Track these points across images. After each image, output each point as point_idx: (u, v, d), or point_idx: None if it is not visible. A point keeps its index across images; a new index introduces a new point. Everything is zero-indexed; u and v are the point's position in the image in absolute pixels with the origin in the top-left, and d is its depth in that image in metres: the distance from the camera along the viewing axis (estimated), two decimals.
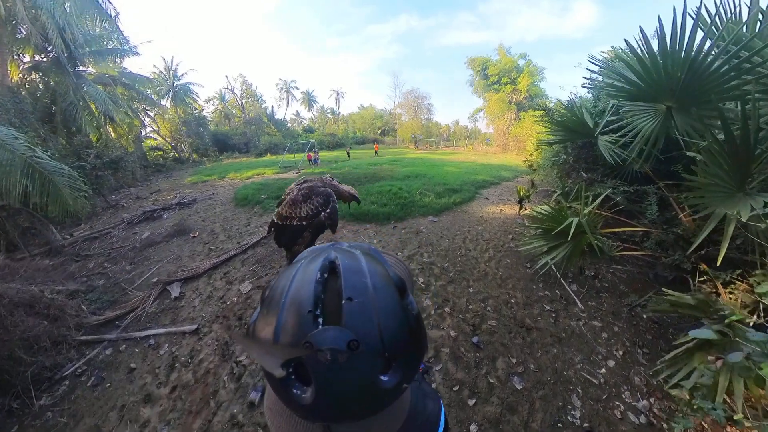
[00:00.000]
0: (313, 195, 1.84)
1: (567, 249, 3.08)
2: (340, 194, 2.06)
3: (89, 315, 3.09)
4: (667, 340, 2.58)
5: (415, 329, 0.39)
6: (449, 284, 3.56)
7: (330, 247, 0.46)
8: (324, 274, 0.39)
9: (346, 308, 0.35)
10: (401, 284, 0.41)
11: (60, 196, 4.83)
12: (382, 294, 0.38)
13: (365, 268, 0.40)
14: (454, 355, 2.52)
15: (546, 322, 2.91)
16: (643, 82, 2.60)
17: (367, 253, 0.46)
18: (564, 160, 5.81)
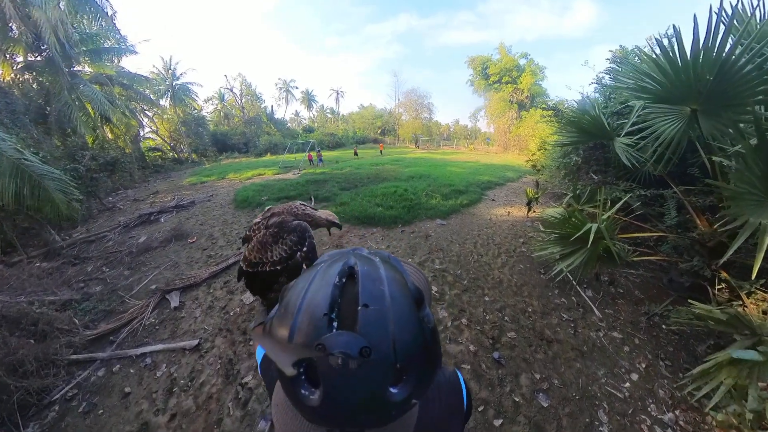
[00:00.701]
0: (284, 233, 1.42)
1: (584, 255, 2.96)
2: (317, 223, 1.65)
3: (81, 329, 2.87)
4: (689, 352, 2.54)
5: (430, 343, 0.38)
6: (464, 293, 3.39)
7: (350, 252, 0.46)
8: (342, 278, 0.39)
9: (362, 315, 0.34)
10: (419, 295, 0.41)
11: (51, 199, 4.64)
12: (399, 304, 0.37)
13: (384, 276, 0.39)
14: (476, 372, 2.39)
15: (566, 333, 2.81)
16: (668, 82, 2.47)
17: (386, 261, 0.45)
18: (574, 162, 5.63)
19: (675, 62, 2.31)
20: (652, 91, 2.71)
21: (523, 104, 28.12)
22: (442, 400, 0.57)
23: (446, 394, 0.59)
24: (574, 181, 5.33)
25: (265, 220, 1.40)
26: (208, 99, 37.75)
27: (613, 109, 4.84)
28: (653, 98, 2.78)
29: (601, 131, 3.74)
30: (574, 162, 5.70)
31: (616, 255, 2.75)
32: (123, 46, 12.57)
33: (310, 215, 1.44)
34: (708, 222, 2.91)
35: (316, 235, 4.90)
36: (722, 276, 2.55)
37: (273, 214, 1.40)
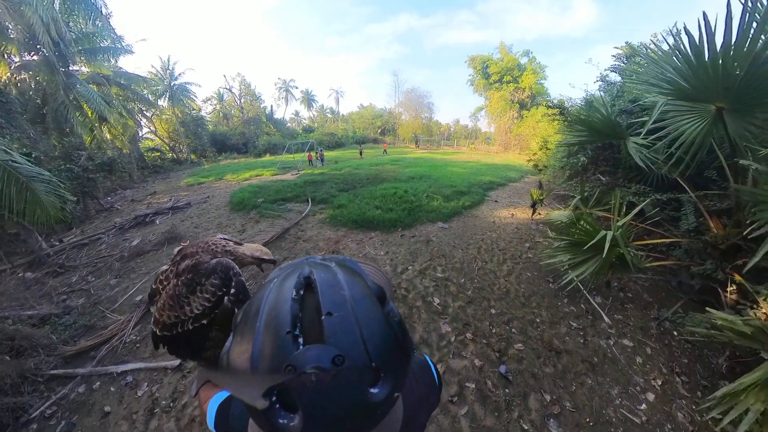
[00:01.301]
0: (201, 278, 0.97)
1: (597, 264, 2.80)
2: (241, 261, 1.08)
3: (60, 345, 2.70)
4: (704, 364, 2.41)
5: (400, 336, 0.38)
6: (469, 305, 3.19)
7: (303, 262, 0.44)
8: (300, 291, 0.37)
9: (327, 324, 0.33)
10: (381, 293, 0.40)
11: (39, 203, 4.46)
12: (363, 305, 0.36)
13: (342, 281, 0.38)
14: (481, 393, 2.21)
15: (575, 342, 2.68)
16: (692, 78, 2.29)
17: (342, 264, 0.44)
18: (581, 162, 5.44)
19: (701, 56, 2.13)
20: (674, 88, 2.55)
21: (524, 103, 27.85)
22: (419, 382, 0.61)
23: (421, 377, 0.63)
24: (581, 183, 5.14)
25: (174, 266, 1.02)
26: (207, 99, 37.60)
27: (622, 107, 4.67)
28: (675, 95, 2.62)
29: (613, 130, 3.60)
30: (581, 162, 5.51)
31: (631, 263, 2.62)
32: (119, 46, 12.40)
33: (231, 252, 1.01)
34: (722, 225, 2.82)
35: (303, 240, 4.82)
36: (736, 279, 2.43)
37: (184, 256, 1.00)
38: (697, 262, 2.86)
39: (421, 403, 0.60)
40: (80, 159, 8.47)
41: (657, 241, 3.16)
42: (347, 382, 0.32)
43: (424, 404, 0.61)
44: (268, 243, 4.61)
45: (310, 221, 5.70)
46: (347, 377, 0.32)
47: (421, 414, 0.61)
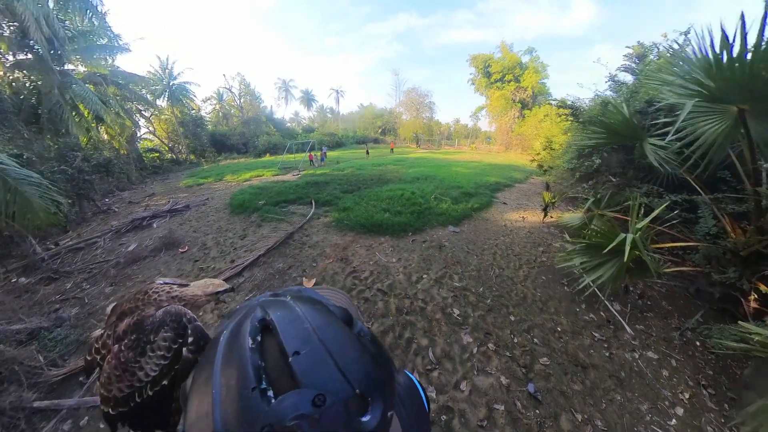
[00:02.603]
0: (149, 334, 0.74)
1: (614, 268, 2.73)
2: (194, 304, 0.88)
3: (47, 368, 2.46)
4: (729, 376, 2.38)
5: (377, 354, 0.36)
6: (488, 314, 3.02)
7: (254, 304, 0.40)
8: (257, 337, 0.33)
9: (296, 365, 0.30)
10: (346, 315, 0.38)
11: (30, 207, 4.24)
12: (330, 333, 0.34)
13: (302, 313, 0.36)
14: (511, 415, 2.07)
15: (600, 356, 2.59)
16: (715, 80, 2.25)
17: (298, 296, 0.41)
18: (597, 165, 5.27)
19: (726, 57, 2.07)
20: (696, 89, 2.47)
21: (526, 103, 27.70)
22: (406, 408, 0.53)
23: (408, 402, 0.55)
24: (595, 185, 4.98)
25: (110, 328, 0.81)
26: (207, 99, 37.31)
27: (637, 107, 4.52)
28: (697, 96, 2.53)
29: (632, 132, 3.53)
30: (595, 165, 5.34)
31: (653, 269, 2.54)
32: (115, 44, 12.16)
33: (179, 297, 0.81)
34: (742, 230, 2.77)
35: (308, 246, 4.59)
36: (761, 289, 2.43)
37: (121, 314, 0.80)
38: (718, 269, 2.82)
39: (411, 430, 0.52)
40: (75, 160, 8.24)
41: (674, 245, 3.08)
42: (335, 420, 0.28)
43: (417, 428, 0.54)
44: (271, 249, 4.38)
45: (314, 225, 5.47)
46: (334, 415, 0.28)
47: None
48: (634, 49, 8.69)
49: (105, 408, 0.70)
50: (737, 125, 2.29)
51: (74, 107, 10.73)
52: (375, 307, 3.04)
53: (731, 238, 2.81)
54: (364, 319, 2.73)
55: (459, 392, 2.16)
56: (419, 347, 2.56)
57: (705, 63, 2.25)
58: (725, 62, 2.07)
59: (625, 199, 4.01)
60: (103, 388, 0.71)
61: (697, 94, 2.42)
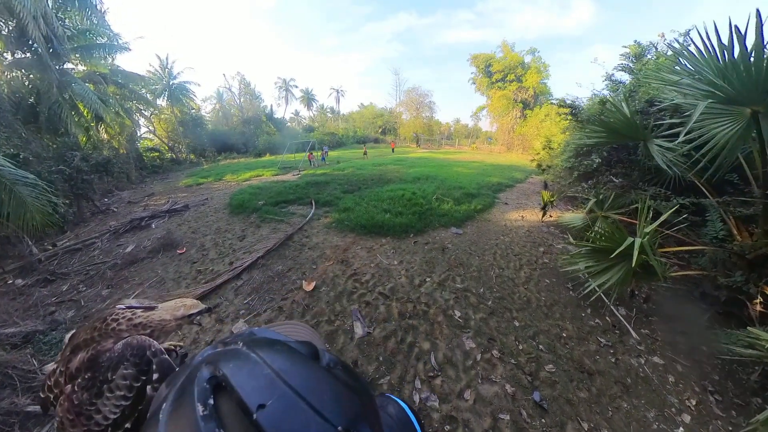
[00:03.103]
0: (106, 372, 0.63)
1: (621, 272, 2.71)
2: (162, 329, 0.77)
3: (41, 372, 2.40)
4: (736, 381, 2.36)
5: (352, 382, 0.33)
6: (491, 317, 2.96)
7: (198, 361, 0.33)
8: (208, 401, 0.27)
9: (263, 420, 0.25)
10: (311, 349, 0.35)
11: (25, 207, 4.18)
12: (297, 373, 0.30)
13: (259, 359, 0.31)
14: (516, 425, 2.01)
15: (606, 362, 2.55)
16: (731, 81, 2.19)
17: (251, 340, 0.35)
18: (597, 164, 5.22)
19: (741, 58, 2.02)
20: (706, 90, 2.42)
21: (528, 103, 27.63)
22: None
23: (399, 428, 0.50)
24: (596, 185, 4.93)
25: (62, 363, 0.71)
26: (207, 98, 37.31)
27: (637, 107, 4.48)
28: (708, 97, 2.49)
29: (634, 132, 3.51)
30: (595, 164, 5.29)
31: (660, 273, 2.54)
32: (114, 43, 12.08)
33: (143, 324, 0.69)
34: (749, 233, 2.76)
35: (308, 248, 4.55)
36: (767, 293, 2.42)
37: (74, 348, 0.70)
38: (724, 272, 2.81)
39: None
40: (74, 160, 8.18)
41: (680, 249, 3.06)
42: None
43: None
44: (270, 251, 4.32)
45: (314, 226, 5.41)
46: None
47: None
48: (631, 48, 8.66)
49: None
50: (750, 127, 2.24)
51: (73, 106, 10.65)
52: (377, 311, 2.98)
53: (737, 241, 2.79)
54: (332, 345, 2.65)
55: (463, 401, 2.11)
56: (421, 352, 2.50)
57: (717, 63, 2.20)
58: (741, 62, 2.01)
59: (630, 201, 3.97)
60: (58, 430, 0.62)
61: (710, 95, 2.36)
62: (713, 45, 2.19)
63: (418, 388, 2.18)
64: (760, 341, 1.97)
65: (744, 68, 2.03)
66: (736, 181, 3.29)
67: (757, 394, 2.22)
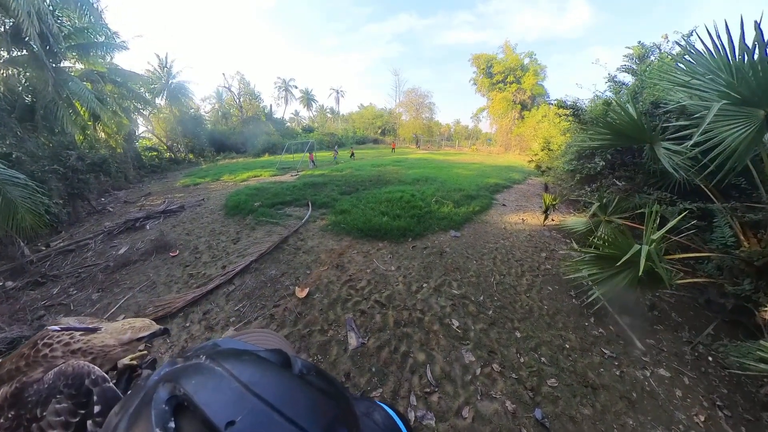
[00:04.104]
0: (34, 408, 0.50)
1: (627, 280, 2.63)
2: (107, 354, 0.62)
3: None
4: (745, 395, 2.28)
5: (327, 387, 0.32)
6: (491, 327, 2.86)
7: (153, 381, 0.29)
8: (168, 425, 0.24)
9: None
10: (281, 357, 0.33)
11: (14, 209, 4.09)
12: (268, 384, 0.28)
13: (225, 372, 0.28)
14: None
15: (611, 375, 2.46)
16: (743, 82, 2.14)
17: (215, 352, 0.32)
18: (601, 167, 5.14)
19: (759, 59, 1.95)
20: (717, 92, 2.35)
21: (526, 104, 27.70)
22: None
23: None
24: (600, 188, 4.84)
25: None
26: (206, 98, 37.14)
27: (642, 109, 4.40)
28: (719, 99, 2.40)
29: (640, 134, 3.41)
30: (599, 167, 5.20)
31: (667, 281, 2.44)
32: (112, 42, 11.98)
33: (83, 349, 0.57)
34: (757, 240, 2.69)
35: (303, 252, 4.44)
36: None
37: None
38: (731, 279, 2.75)
39: None
40: (69, 159, 8.09)
41: (686, 255, 2.96)
42: None
43: None
44: (264, 254, 4.22)
45: (310, 228, 5.31)
46: None
47: None
48: (634, 49, 8.58)
49: None
50: (762, 130, 2.17)
51: (70, 105, 10.54)
52: (372, 321, 2.88)
53: (745, 247, 2.71)
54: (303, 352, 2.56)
55: (461, 420, 2.01)
56: (416, 364, 2.41)
57: (731, 63, 2.11)
58: (759, 62, 1.94)
59: (634, 205, 3.89)
60: None
61: (724, 96, 2.28)
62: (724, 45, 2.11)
63: (414, 405, 2.09)
64: None
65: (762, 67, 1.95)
66: (744, 186, 3.22)
67: (767, 409, 2.15)
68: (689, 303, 3.32)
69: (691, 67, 2.59)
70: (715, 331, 2.83)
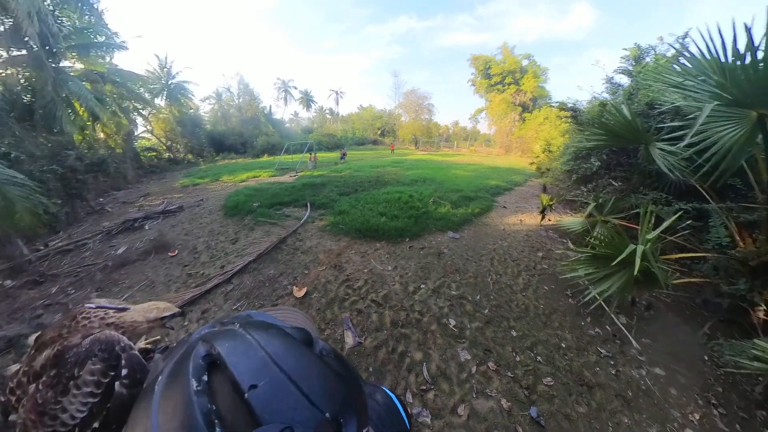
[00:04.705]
0: (73, 368, 0.56)
1: (623, 280, 2.64)
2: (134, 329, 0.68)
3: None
4: (740, 393, 2.30)
5: (342, 371, 0.34)
6: (487, 326, 2.88)
7: (195, 338, 0.35)
8: (202, 377, 0.29)
9: (254, 400, 0.27)
10: (305, 336, 0.36)
11: (12, 208, 4.10)
12: (289, 358, 0.31)
13: (254, 341, 0.32)
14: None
15: (606, 374, 2.47)
16: (735, 83, 2.16)
17: (248, 322, 0.37)
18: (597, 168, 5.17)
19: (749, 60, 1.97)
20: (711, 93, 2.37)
21: (526, 106, 27.76)
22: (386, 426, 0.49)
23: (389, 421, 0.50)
24: (596, 189, 4.88)
25: (28, 364, 0.68)
26: (205, 98, 37.15)
27: (637, 110, 4.44)
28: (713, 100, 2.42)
29: (635, 135, 3.44)
30: (595, 167, 5.24)
31: (663, 281, 2.46)
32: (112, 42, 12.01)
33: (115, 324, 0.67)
34: (752, 240, 2.71)
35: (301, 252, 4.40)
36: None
37: (41, 345, 0.68)
38: (727, 279, 2.79)
39: None
40: (68, 159, 8.09)
41: (682, 255, 3.00)
42: None
43: None
44: (262, 254, 4.24)
45: (309, 229, 5.33)
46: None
47: None
48: (631, 51, 8.64)
49: None
50: (755, 131, 2.19)
51: (69, 104, 10.56)
52: (369, 320, 2.89)
53: (740, 247, 2.73)
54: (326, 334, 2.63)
55: (456, 417, 2.03)
56: (413, 363, 2.42)
57: (723, 64, 2.14)
58: (751, 63, 1.97)
59: (630, 205, 3.92)
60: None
61: (716, 97, 2.31)
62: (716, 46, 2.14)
63: (410, 402, 2.11)
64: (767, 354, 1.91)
65: (753, 69, 1.98)
66: (739, 186, 3.25)
67: (762, 407, 2.17)
68: (686, 303, 3.34)
69: (685, 68, 2.63)
70: (711, 330, 2.86)
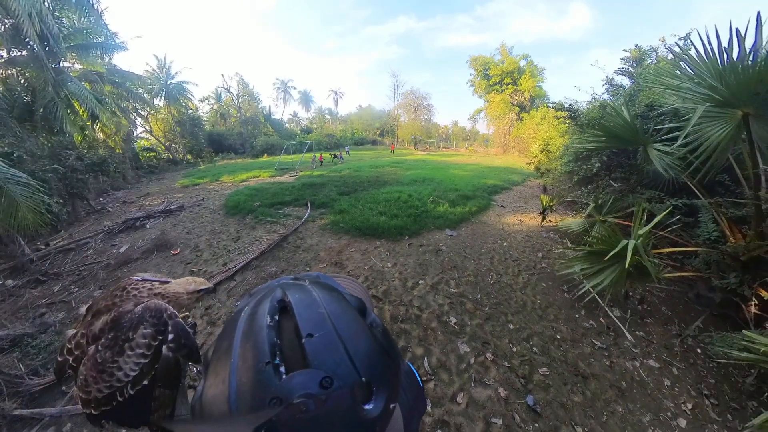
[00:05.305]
0: (128, 331, 0.70)
1: (614, 274, 2.71)
2: (177, 299, 0.84)
3: (27, 377, 2.36)
4: (731, 384, 2.35)
5: (386, 346, 0.37)
6: (486, 322, 2.94)
7: (275, 284, 0.43)
8: (275, 316, 0.35)
9: (308, 346, 0.31)
10: (360, 305, 0.40)
11: (15, 207, 4.13)
12: (343, 320, 0.35)
13: (319, 299, 0.37)
14: (509, 429, 2.01)
15: (601, 365, 2.54)
16: (726, 84, 2.23)
17: (317, 282, 0.43)
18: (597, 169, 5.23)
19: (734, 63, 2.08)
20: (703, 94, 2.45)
21: (524, 106, 27.86)
22: (407, 391, 0.57)
23: (408, 385, 0.59)
24: (596, 190, 4.93)
25: (85, 328, 0.77)
26: (205, 98, 37.07)
27: (637, 111, 4.49)
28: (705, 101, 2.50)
29: (634, 136, 3.49)
30: (595, 168, 5.29)
31: (654, 274, 2.53)
32: (111, 42, 12.02)
33: (162, 294, 0.78)
34: (742, 235, 2.75)
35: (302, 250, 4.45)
36: (762, 295, 2.41)
37: (97, 312, 0.78)
38: (718, 274, 2.83)
39: (411, 412, 0.57)
40: (69, 159, 8.12)
41: (674, 250, 3.07)
42: (339, 403, 0.29)
43: (415, 412, 0.59)
44: (265, 252, 4.29)
45: (309, 228, 5.39)
46: (339, 398, 0.29)
47: (413, 422, 0.58)
48: (632, 52, 8.68)
49: (86, 410, 0.68)
50: (740, 129, 2.27)
51: (69, 105, 10.56)
52: None
53: (731, 242, 2.80)
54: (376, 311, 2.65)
55: (455, 405, 2.09)
56: (414, 356, 2.48)
57: (717, 66, 2.21)
58: (738, 64, 2.05)
59: (627, 204, 3.98)
60: (82, 391, 0.69)
61: (709, 99, 2.38)
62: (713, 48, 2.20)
63: None
64: (756, 345, 1.97)
65: (741, 70, 2.05)
66: (728, 182, 3.32)
67: (753, 398, 2.23)
68: (679, 297, 3.41)
69: (682, 70, 2.69)
70: (704, 324, 2.92)
